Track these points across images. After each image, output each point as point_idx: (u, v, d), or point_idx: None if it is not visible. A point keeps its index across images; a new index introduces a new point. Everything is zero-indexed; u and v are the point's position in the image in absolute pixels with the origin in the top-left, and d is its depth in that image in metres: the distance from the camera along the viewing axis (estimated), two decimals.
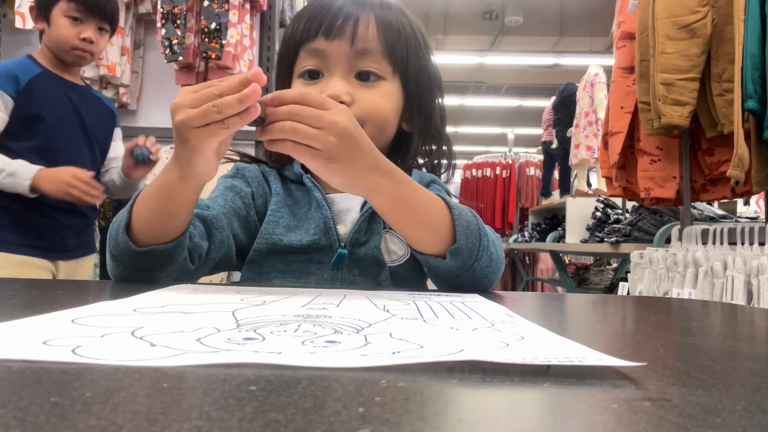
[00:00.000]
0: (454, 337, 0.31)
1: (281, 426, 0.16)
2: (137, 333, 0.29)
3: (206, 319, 0.35)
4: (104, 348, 0.26)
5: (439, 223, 0.62)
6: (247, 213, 0.78)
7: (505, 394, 0.22)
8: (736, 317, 0.54)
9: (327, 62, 0.75)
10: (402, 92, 0.79)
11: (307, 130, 0.54)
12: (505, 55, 9.54)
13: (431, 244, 0.63)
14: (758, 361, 0.31)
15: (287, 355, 0.25)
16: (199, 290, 0.53)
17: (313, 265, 0.75)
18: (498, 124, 12.98)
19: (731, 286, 1.66)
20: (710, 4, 1.90)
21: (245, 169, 0.83)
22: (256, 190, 0.80)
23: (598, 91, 4.60)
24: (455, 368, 0.25)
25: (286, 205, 0.79)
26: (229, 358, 0.24)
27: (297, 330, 0.31)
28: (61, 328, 0.30)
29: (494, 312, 0.42)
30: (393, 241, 0.77)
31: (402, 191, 0.60)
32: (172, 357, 0.24)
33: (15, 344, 0.26)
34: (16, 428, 0.15)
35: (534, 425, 0.19)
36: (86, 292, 0.56)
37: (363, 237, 0.75)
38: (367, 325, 0.34)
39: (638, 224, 2.73)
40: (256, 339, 0.29)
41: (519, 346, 0.28)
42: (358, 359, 0.25)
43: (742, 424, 0.19)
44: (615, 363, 0.25)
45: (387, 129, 0.78)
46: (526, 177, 6.50)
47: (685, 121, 1.91)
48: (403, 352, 0.26)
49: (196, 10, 2.32)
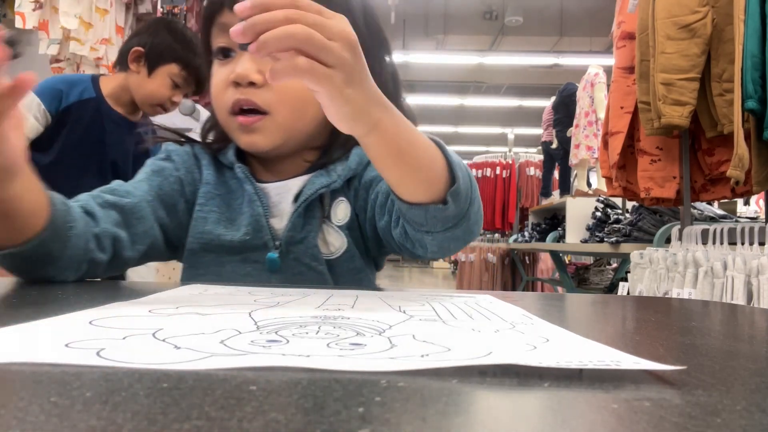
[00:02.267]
0: (478, 339, 0.31)
1: (281, 426, 0.16)
2: (158, 335, 0.29)
3: (224, 320, 0.34)
4: (128, 350, 0.25)
5: (436, 163, 0.53)
6: (175, 201, 0.71)
7: (505, 394, 0.22)
8: (736, 317, 0.54)
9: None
10: None
11: (321, 39, 0.42)
12: (505, 55, 9.53)
13: (430, 190, 0.54)
14: (758, 361, 0.31)
15: (316, 358, 0.25)
16: (210, 290, 0.53)
17: (249, 265, 0.70)
18: (498, 124, 12.98)
19: (731, 286, 1.66)
20: (710, 4, 1.89)
21: (174, 152, 0.75)
22: (185, 176, 0.73)
23: (598, 91, 4.60)
24: (455, 368, 0.25)
25: (216, 195, 0.72)
26: (257, 361, 0.24)
27: (318, 332, 0.31)
28: (80, 331, 0.30)
29: (511, 313, 0.42)
30: (330, 232, 0.70)
31: (401, 128, 0.50)
32: (199, 360, 0.24)
33: (38, 347, 0.26)
34: (16, 428, 0.15)
35: (534, 425, 0.19)
36: (86, 291, 0.56)
37: (299, 234, 0.69)
38: (388, 327, 0.34)
39: (638, 224, 2.73)
40: (280, 341, 0.28)
41: (547, 349, 0.28)
42: (388, 362, 0.24)
43: (742, 424, 0.19)
44: (651, 366, 0.24)
45: (308, 110, 0.68)
46: (526, 177, 6.50)
47: (685, 121, 1.91)
48: (432, 356, 0.26)
49: (196, 10, 2.32)
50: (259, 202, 0.69)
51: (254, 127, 0.67)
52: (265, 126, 0.67)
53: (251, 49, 0.41)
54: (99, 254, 0.62)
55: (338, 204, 0.72)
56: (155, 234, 0.69)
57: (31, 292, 0.52)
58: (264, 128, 0.68)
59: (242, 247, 0.69)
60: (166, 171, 0.72)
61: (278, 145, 0.69)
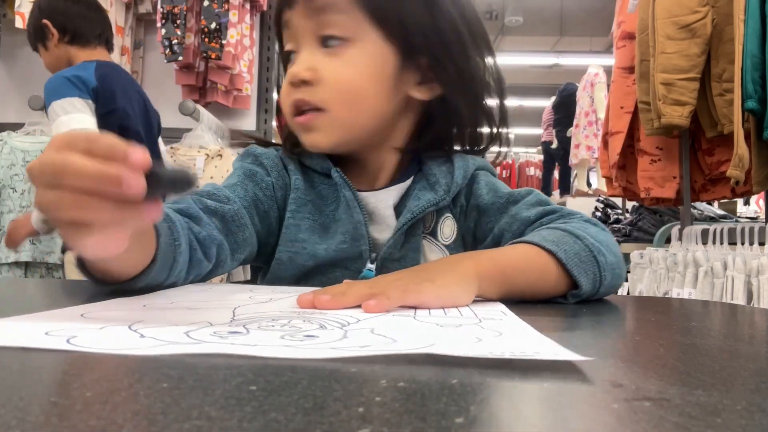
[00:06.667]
0: (430, 332, 0.32)
1: (281, 426, 0.16)
2: (134, 326, 0.30)
3: (205, 314, 0.35)
4: (98, 339, 0.27)
5: (548, 272, 0.52)
6: (269, 207, 0.67)
7: (506, 394, 0.22)
8: (736, 317, 0.54)
9: (295, 35, 0.63)
10: (392, 49, 0.62)
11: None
12: (505, 55, 9.52)
13: (551, 293, 0.54)
14: (758, 361, 0.31)
15: (260, 347, 0.26)
16: (213, 289, 0.53)
17: (338, 271, 0.66)
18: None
19: (731, 286, 1.66)
20: (710, 4, 1.89)
21: (263, 155, 0.70)
22: (276, 180, 0.68)
23: (598, 91, 4.61)
24: (455, 368, 0.25)
25: (308, 201, 0.67)
26: (204, 349, 0.25)
27: (285, 325, 0.32)
28: (67, 322, 0.31)
29: (489, 310, 0.42)
30: (433, 249, 0.67)
31: (498, 262, 0.50)
32: (153, 347, 0.25)
33: (18, 334, 0.28)
34: (16, 428, 0.15)
35: (534, 425, 0.19)
36: (95, 287, 0.56)
37: (398, 252, 0.65)
38: (355, 321, 0.34)
39: (638, 224, 2.73)
40: (241, 333, 0.29)
41: (491, 342, 0.29)
42: (325, 352, 0.25)
43: (742, 424, 0.19)
44: (570, 357, 0.25)
45: (363, 104, 0.63)
46: (526, 177, 6.50)
47: (685, 121, 1.91)
48: (372, 346, 0.27)
49: (196, 10, 2.32)
50: (359, 208, 0.65)
51: (311, 126, 0.64)
52: (322, 123, 0.63)
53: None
54: (204, 262, 0.57)
55: (444, 221, 0.68)
56: (253, 242, 0.65)
57: (42, 289, 0.52)
58: (321, 126, 0.63)
59: (336, 256, 0.65)
60: (258, 176, 0.67)
61: (339, 143, 0.65)
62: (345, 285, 0.44)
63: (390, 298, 0.40)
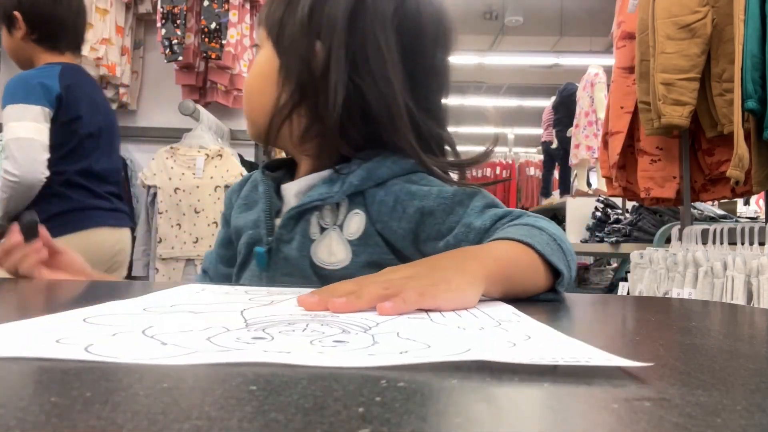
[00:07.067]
0: (461, 336, 0.31)
1: (281, 426, 0.16)
2: (148, 332, 0.29)
3: (215, 318, 0.35)
4: (116, 346, 0.26)
5: (536, 266, 0.54)
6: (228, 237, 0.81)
7: (506, 393, 0.22)
8: (736, 317, 0.54)
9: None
10: (275, 52, 0.70)
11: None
12: (505, 55, 9.52)
13: (541, 287, 0.56)
14: (758, 361, 0.31)
15: (296, 354, 0.25)
16: (208, 290, 0.53)
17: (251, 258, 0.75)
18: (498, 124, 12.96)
19: (731, 286, 1.66)
20: (710, 4, 1.89)
21: (230, 191, 0.84)
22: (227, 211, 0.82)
23: (598, 91, 4.61)
24: (455, 368, 0.25)
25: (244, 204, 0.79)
26: (239, 357, 0.24)
27: (305, 330, 0.32)
28: (73, 327, 0.30)
29: (501, 311, 0.42)
30: (338, 242, 0.68)
31: (501, 262, 0.52)
32: (183, 356, 0.24)
33: (29, 342, 0.27)
34: (16, 428, 0.15)
35: (534, 425, 0.19)
36: (86, 290, 0.56)
37: (287, 235, 0.69)
38: (375, 324, 0.34)
39: (638, 224, 2.73)
40: (265, 338, 0.29)
41: (526, 346, 0.28)
42: (366, 359, 0.25)
43: (742, 424, 0.19)
44: (622, 363, 0.25)
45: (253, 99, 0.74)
46: (526, 177, 6.51)
47: (685, 121, 1.91)
48: (411, 352, 0.26)
49: (196, 10, 2.32)
50: (266, 198, 0.73)
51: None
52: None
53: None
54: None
55: (352, 216, 0.69)
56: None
57: (33, 291, 0.52)
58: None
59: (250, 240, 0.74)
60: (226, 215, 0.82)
61: (252, 134, 0.76)
62: (353, 284, 0.44)
63: (406, 302, 0.40)
